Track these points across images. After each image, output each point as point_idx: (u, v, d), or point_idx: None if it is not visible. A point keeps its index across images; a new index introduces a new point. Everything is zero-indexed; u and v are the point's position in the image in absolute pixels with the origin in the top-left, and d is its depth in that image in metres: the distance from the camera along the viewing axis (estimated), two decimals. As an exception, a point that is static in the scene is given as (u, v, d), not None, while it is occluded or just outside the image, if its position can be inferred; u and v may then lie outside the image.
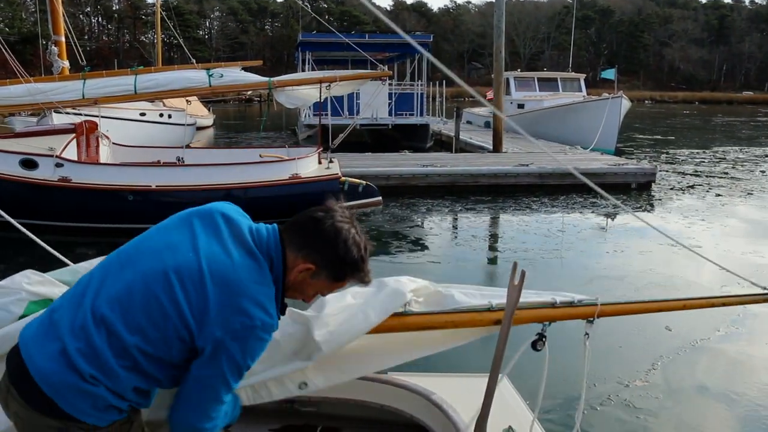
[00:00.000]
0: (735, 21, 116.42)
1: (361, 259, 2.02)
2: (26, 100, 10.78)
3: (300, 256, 1.99)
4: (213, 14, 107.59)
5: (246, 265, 1.91)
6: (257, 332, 1.87)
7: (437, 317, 2.42)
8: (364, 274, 2.06)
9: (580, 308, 2.43)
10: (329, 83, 11.38)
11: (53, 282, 2.35)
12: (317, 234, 1.99)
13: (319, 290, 2.11)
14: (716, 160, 22.12)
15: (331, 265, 2.01)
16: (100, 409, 1.84)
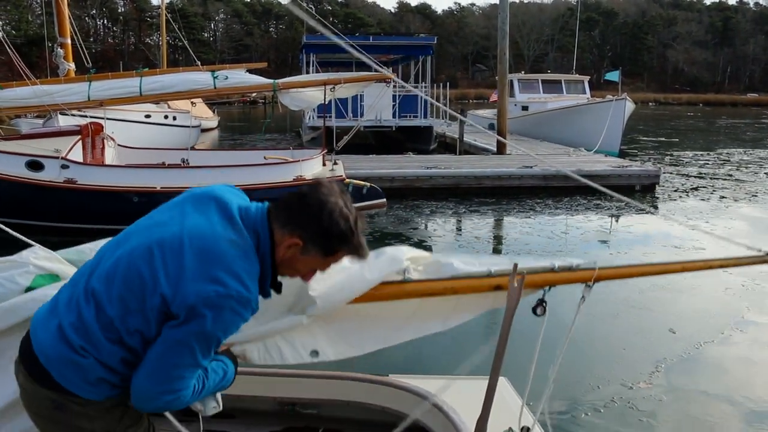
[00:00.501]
0: (739, 23, 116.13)
1: (350, 231, 1.97)
2: (32, 101, 10.85)
3: (286, 232, 1.97)
4: (218, 16, 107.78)
5: (227, 238, 1.90)
6: (232, 303, 1.83)
7: (437, 283, 2.40)
8: (356, 247, 2.01)
9: (578, 272, 2.42)
10: (333, 85, 11.42)
11: (59, 259, 2.45)
12: (302, 208, 1.97)
13: (312, 266, 2.05)
14: (720, 162, 22.10)
15: (318, 239, 1.96)
16: (91, 383, 1.91)
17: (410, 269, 2.43)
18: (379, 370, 3.24)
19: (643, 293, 7.63)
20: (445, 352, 5.92)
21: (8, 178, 9.69)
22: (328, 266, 2.07)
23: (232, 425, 3.22)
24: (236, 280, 1.85)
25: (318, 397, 3.12)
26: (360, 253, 2.03)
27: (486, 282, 2.38)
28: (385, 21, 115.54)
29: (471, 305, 2.50)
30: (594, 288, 2.40)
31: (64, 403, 1.93)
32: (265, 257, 1.97)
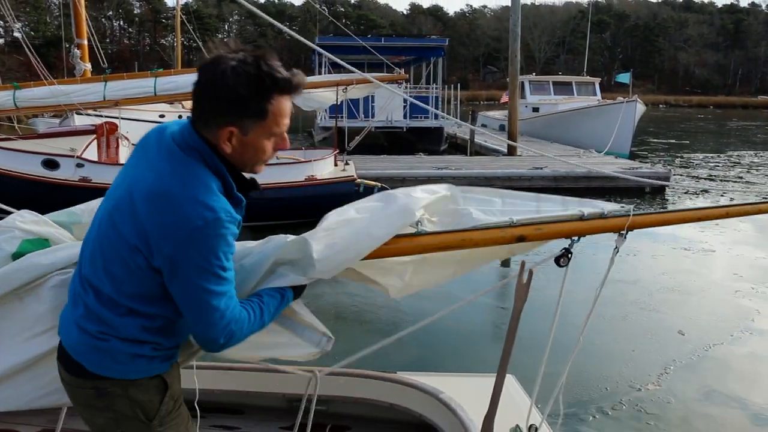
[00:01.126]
0: (751, 25, 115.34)
1: (260, 76, 1.76)
2: (49, 101, 10.99)
3: (213, 128, 1.82)
4: (232, 18, 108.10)
5: (169, 171, 1.79)
6: (207, 231, 1.73)
7: (454, 236, 2.14)
8: (282, 83, 1.80)
9: (610, 220, 2.23)
10: (346, 86, 11.49)
11: (48, 222, 2.29)
12: (205, 96, 1.81)
13: (265, 140, 1.88)
14: (731, 165, 22.02)
15: (242, 109, 1.79)
16: (123, 362, 1.90)
17: (424, 220, 2.17)
18: (387, 367, 3.27)
19: (652, 295, 7.66)
20: (453, 350, 5.97)
21: (24, 176, 9.83)
22: (280, 124, 1.87)
23: (240, 421, 3.24)
24: (197, 207, 1.74)
25: (327, 394, 3.09)
26: (292, 83, 1.83)
27: (508, 233, 2.15)
28: (397, 23, 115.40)
29: (488, 253, 2.31)
30: (603, 289, 2.26)
31: (107, 389, 1.93)
32: (218, 167, 1.84)
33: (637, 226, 2.24)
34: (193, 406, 2.21)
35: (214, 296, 1.79)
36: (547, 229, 2.18)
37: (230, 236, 1.80)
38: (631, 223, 2.21)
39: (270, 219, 10.72)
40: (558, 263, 2.24)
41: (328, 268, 2.03)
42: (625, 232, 2.23)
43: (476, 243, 2.15)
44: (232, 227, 1.80)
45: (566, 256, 2.23)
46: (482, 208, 2.23)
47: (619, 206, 2.27)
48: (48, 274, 2.11)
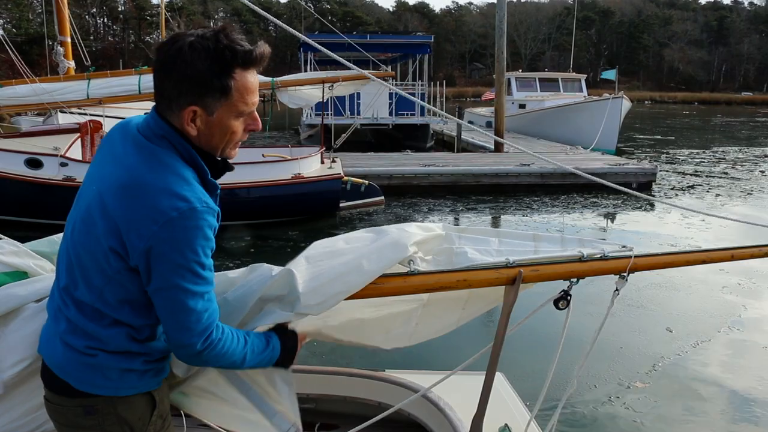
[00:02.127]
0: (734, 22, 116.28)
1: (220, 50, 1.67)
2: (32, 100, 10.88)
3: (176, 110, 1.72)
4: (217, 15, 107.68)
5: (137, 163, 1.69)
6: (181, 223, 1.64)
7: (448, 276, 2.07)
8: (243, 56, 1.70)
9: (611, 262, 2.15)
10: (332, 83, 11.45)
11: (29, 253, 2.22)
12: (166, 77, 1.71)
13: (233, 120, 1.77)
14: (716, 160, 22.17)
15: (203, 87, 1.69)
16: (113, 378, 1.81)
17: (417, 259, 2.09)
18: (375, 364, 3.25)
19: (640, 291, 7.67)
20: (443, 347, 5.93)
21: (7, 176, 9.72)
22: (247, 101, 1.76)
23: None
24: (168, 198, 1.64)
25: (315, 392, 3.09)
26: (254, 55, 1.72)
27: (504, 273, 2.09)
28: (383, 19, 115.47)
29: (486, 297, 2.26)
30: (586, 284, 2.17)
31: (95, 407, 1.83)
32: (189, 153, 1.75)
33: (639, 269, 2.18)
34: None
35: (191, 296, 1.69)
36: (545, 270, 2.13)
37: (207, 228, 1.69)
38: (633, 266, 2.15)
39: (257, 217, 10.68)
40: (557, 306, 2.18)
41: (315, 302, 1.94)
42: (627, 274, 2.16)
43: (471, 284, 2.09)
44: (209, 218, 1.70)
45: (565, 299, 2.17)
46: (478, 248, 2.17)
47: (620, 246, 2.21)
48: (24, 305, 2.03)
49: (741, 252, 2.33)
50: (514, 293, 2.10)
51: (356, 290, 1.98)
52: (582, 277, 2.15)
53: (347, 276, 1.97)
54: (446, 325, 2.32)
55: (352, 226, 11.33)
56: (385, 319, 2.20)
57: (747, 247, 2.36)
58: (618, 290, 2.18)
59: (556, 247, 2.21)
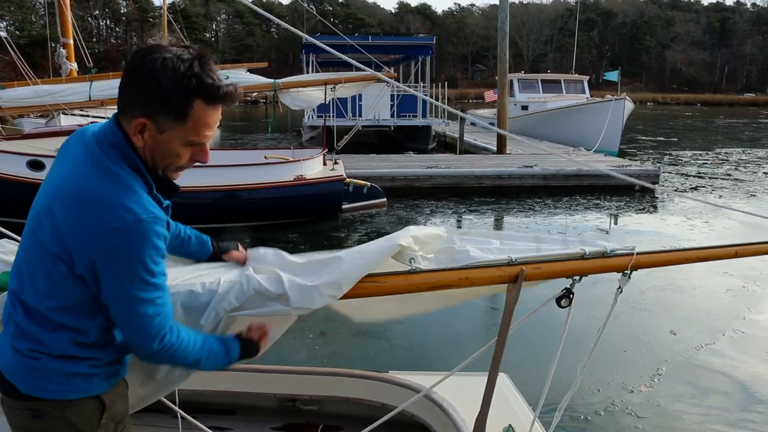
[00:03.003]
0: (737, 23, 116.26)
1: (189, 76, 1.64)
2: (34, 101, 10.88)
3: (129, 115, 1.69)
4: (219, 17, 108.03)
5: (85, 172, 1.67)
6: (126, 234, 1.62)
7: (450, 274, 2.08)
8: (208, 89, 1.68)
9: (613, 259, 2.15)
10: (334, 85, 11.44)
11: None
12: (130, 81, 1.69)
13: (180, 146, 1.73)
14: (719, 162, 22.12)
15: (159, 104, 1.66)
16: (57, 382, 1.79)
17: (418, 257, 2.11)
18: (379, 366, 3.25)
19: (644, 294, 7.64)
20: (446, 348, 5.93)
21: (9, 178, 9.71)
22: (200, 133, 1.73)
23: (232, 421, 3.22)
24: (114, 211, 1.62)
25: (318, 394, 3.10)
26: (218, 93, 1.69)
27: (506, 271, 2.09)
28: (385, 21, 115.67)
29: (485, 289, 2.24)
30: (589, 285, 2.16)
31: (43, 411, 1.82)
32: (135, 162, 1.72)
33: (641, 266, 2.17)
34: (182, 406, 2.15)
35: (141, 303, 1.69)
36: (547, 268, 2.12)
37: (156, 238, 1.67)
38: (635, 263, 2.14)
39: (259, 219, 10.67)
40: (559, 304, 2.16)
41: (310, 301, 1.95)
42: (629, 271, 2.15)
43: (473, 282, 2.08)
44: (157, 228, 1.67)
45: (567, 297, 2.15)
46: (480, 247, 2.17)
47: (622, 246, 2.20)
48: None
49: (745, 249, 2.32)
50: (516, 291, 2.10)
51: (351, 285, 1.98)
52: (584, 274, 2.14)
53: (341, 271, 1.98)
54: (438, 304, 2.33)
55: (354, 228, 11.32)
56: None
57: (751, 244, 2.33)
58: (621, 288, 2.18)
59: (558, 246, 2.21)
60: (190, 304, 1.98)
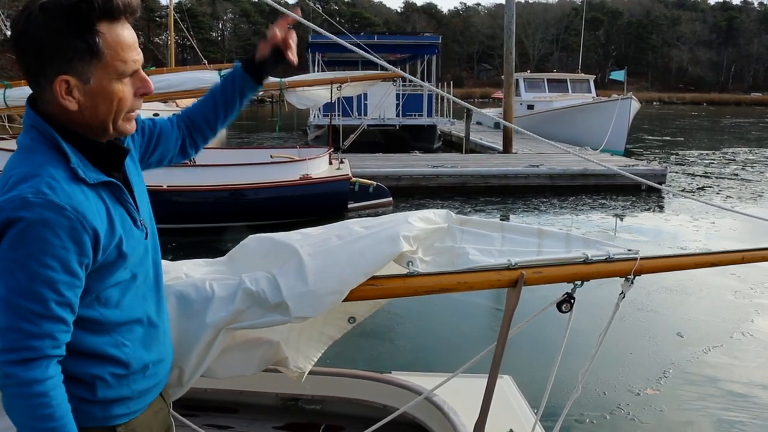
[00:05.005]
0: (743, 22, 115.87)
1: (71, 2, 1.40)
2: (39, 100, 10.88)
3: (46, 85, 1.46)
4: (226, 16, 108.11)
5: (5, 168, 1.47)
6: (15, 231, 1.35)
7: (448, 278, 2.04)
8: (97, 2, 1.41)
9: (616, 264, 2.10)
10: (340, 84, 11.43)
11: None
12: (20, 50, 1.45)
13: (116, 84, 1.49)
14: (726, 162, 22.04)
15: (60, 48, 1.42)
16: None
17: (416, 260, 2.07)
18: (381, 367, 3.24)
19: (650, 295, 7.60)
20: (449, 349, 5.92)
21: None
22: (125, 58, 1.49)
23: (234, 420, 3.21)
24: (6, 194, 1.38)
25: (320, 394, 3.10)
26: (114, 3, 1.45)
27: (506, 276, 2.06)
28: (391, 20, 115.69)
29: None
30: (593, 286, 2.11)
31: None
32: (54, 140, 1.47)
33: (645, 271, 2.13)
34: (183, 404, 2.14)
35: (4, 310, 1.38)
36: (548, 273, 2.09)
37: (56, 239, 1.37)
38: (639, 268, 2.10)
39: (264, 218, 10.66)
40: (560, 309, 2.12)
41: (308, 307, 1.92)
42: (632, 277, 2.11)
43: (471, 286, 2.06)
44: (65, 227, 1.38)
45: (569, 302, 2.11)
46: (479, 247, 2.14)
47: (626, 249, 2.15)
48: None
49: (752, 254, 2.26)
50: (516, 295, 2.07)
51: (351, 288, 1.95)
52: (586, 279, 2.11)
53: (341, 276, 1.95)
54: None
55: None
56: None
57: (758, 249, 2.29)
58: (624, 294, 2.15)
59: (560, 246, 2.17)
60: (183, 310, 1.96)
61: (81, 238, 1.41)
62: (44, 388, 1.38)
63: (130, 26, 1.54)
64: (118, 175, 1.60)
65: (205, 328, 1.93)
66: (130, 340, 1.62)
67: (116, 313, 1.58)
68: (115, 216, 1.53)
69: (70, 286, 1.41)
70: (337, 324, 2.30)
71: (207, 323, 1.93)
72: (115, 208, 1.54)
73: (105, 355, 1.57)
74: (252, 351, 2.17)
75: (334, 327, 2.30)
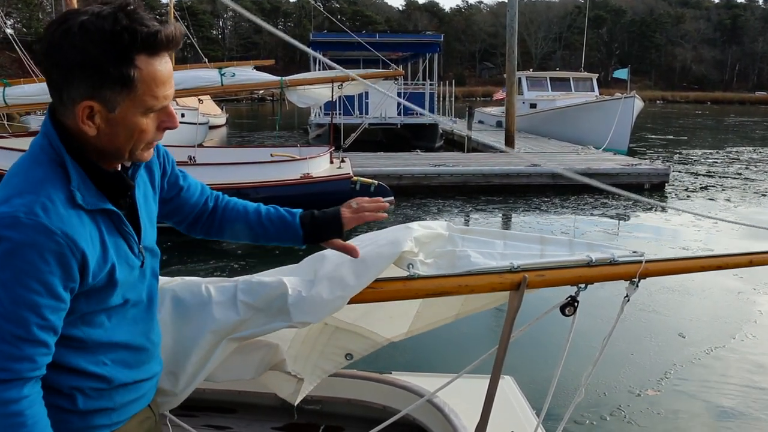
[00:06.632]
0: (748, 21, 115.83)
1: (114, 29, 1.33)
2: (41, 99, 10.86)
3: (69, 104, 1.39)
4: (226, 14, 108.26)
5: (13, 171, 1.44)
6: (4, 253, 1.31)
7: (450, 281, 2.00)
8: (146, 38, 1.36)
9: (620, 267, 2.06)
10: (341, 83, 11.40)
11: None
12: (49, 62, 1.38)
13: (141, 117, 1.43)
14: (729, 161, 21.99)
15: (93, 74, 1.35)
16: None
17: (417, 263, 2.03)
18: (381, 367, 3.21)
19: (652, 296, 7.55)
20: (449, 351, 5.88)
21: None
22: (157, 94, 1.43)
23: (233, 420, 3.19)
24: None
25: (320, 394, 3.02)
26: (159, 38, 1.38)
27: (508, 279, 2.01)
28: (393, 18, 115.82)
29: (487, 298, 2.21)
30: (596, 288, 2.07)
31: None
32: (59, 150, 1.42)
33: (650, 274, 2.08)
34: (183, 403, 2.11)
35: None
36: (551, 276, 2.04)
37: (42, 264, 1.33)
38: (644, 271, 2.05)
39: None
40: (563, 312, 2.08)
41: (312, 311, 1.90)
42: (637, 280, 2.06)
43: (473, 289, 2.01)
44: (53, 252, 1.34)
45: (572, 305, 2.07)
46: (481, 251, 2.08)
47: (631, 251, 2.11)
48: None
49: (760, 257, 2.21)
50: (518, 299, 2.02)
51: (354, 293, 1.92)
52: (590, 282, 2.06)
53: (343, 280, 1.92)
54: (445, 317, 2.29)
55: (360, 226, 11.26)
56: (389, 303, 2.16)
57: (765, 253, 2.23)
58: (628, 297, 2.10)
59: (564, 250, 2.13)
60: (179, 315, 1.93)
61: (69, 263, 1.37)
62: (19, 407, 1.35)
63: (170, 59, 1.47)
64: (123, 201, 1.55)
65: (203, 334, 1.90)
66: (112, 360, 1.58)
67: (100, 333, 1.54)
68: (109, 244, 1.48)
69: (54, 310, 1.38)
70: (333, 359, 2.29)
71: (205, 329, 1.90)
72: (111, 235, 1.49)
73: (85, 371, 1.53)
74: (251, 355, 2.15)
75: (330, 362, 2.30)
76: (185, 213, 1.91)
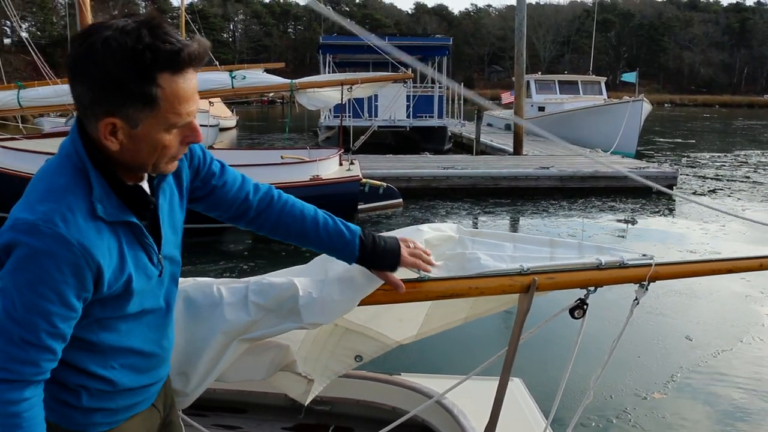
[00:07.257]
0: (757, 24, 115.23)
1: (137, 47, 1.32)
2: (54, 101, 10.96)
3: (92, 119, 1.40)
4: (237, 17, 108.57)
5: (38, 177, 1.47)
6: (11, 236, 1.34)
7: (459, 283, 1.99)
8: (169, 56, 1.36)
9: (630, 270, 2.06)
10: (351, 85, 11.46)
11: None
12: (74, 76, 1.39)
13: (164, 134, 1.44)
14: (738, 164, 21.91)
15: (115, 92, 1.35)
16: None
17: None
18: (390, 368, 3.24)
19: (659, 298, 7.56)
20: (458, 352, 5.90)
21: (29, 176, 9.81)
22: (180, 111, 1.43)
23: (243, 420, 3.21)
24: (22, 211, 1.37)
25: (329, 395, 3.04)
26: (181, 57, 1.37)
27: (518, 281, 2.01)
28: (402, 22, 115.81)
29: (496, 301, 2.21)
30: (605, 290, 2.08)
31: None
32: (83, 162, 1.44)
33: (660, 277, 2.07)
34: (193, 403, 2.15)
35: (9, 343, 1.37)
36: (560, 278, 2.04)
37: (57, 273, 1.35)
38: (654, 274, 2.04)
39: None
40: (572, 315, 2.09)
41: (323, 313, 1.91)
42: (647, 283, 2.05)
43: (483, 291, 2.01)
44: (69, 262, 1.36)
45: (581, 308, 2.07)
46: (491, 253, 2.08)
47: (640, 254, 2.12)
48: None
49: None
50: (528, 301, 2.04)
51: (365, 295, 1.94)
52: (599, 285, 2.07)
53: (354, 282, 1.94)
54: (454, 320, 2.30)
55: (370, 228, 11.30)
56: (399, 306, 2.16)
57: None
58: (638, 300, 2.09)
59: (573, 253, 2.13)
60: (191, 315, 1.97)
61: (83, 273, 1.39)
62: (18, 409, 1.38)
63: (195, 75, 1.46)
64: (145, 212, 1.56)
65: (214, 335, 1.94)
66: (121, 364, 1.61)
67: (114, 338, 1.57)
68: (128, 255, 1.50)
69: (65, 319, 1.41)
70: (343, 360, 2.31)
71: (217, 330, 1.94)
72: (130, 246, 1.51)
73: (93, 373, 1.57)
74: (262, 355, 2.18)
75: (340, 363, 2.32)
76: (223, 209, 1.89)
